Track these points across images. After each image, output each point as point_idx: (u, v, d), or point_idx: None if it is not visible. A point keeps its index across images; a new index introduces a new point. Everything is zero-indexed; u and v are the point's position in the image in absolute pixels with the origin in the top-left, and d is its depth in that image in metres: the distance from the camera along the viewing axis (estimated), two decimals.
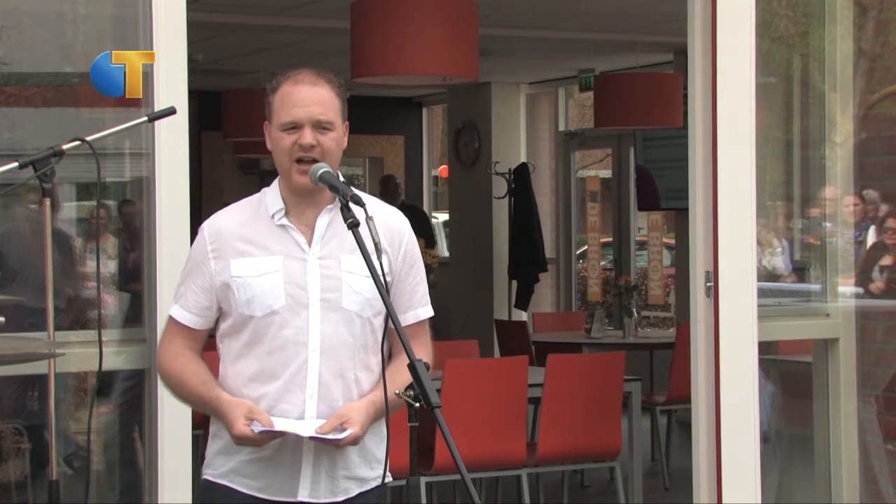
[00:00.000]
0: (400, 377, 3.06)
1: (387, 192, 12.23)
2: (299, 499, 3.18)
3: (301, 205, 3.23)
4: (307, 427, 3.13)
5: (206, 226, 3.28)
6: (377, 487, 3.28)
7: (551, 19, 9.89)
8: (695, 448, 5.32)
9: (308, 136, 3.16)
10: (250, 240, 3.21)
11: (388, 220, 3.26)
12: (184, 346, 3.26)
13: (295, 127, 3.16)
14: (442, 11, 6.93)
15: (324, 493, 3.20)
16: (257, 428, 3.09)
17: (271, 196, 3.26)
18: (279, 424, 3.12)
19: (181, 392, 3.28)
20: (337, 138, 3.21)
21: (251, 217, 3.25)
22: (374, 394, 3.18)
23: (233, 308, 3.20)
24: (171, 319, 3.29)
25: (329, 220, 3.22)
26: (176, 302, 3.29)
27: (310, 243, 3.21)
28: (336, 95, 3.22)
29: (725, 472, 5.20)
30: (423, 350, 3.25)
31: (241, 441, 3.12)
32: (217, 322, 3.28)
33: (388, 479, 3.30)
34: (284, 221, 3.22)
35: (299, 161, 3.17)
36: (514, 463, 6.77)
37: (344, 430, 3.10)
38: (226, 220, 3.28)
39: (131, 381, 4.79)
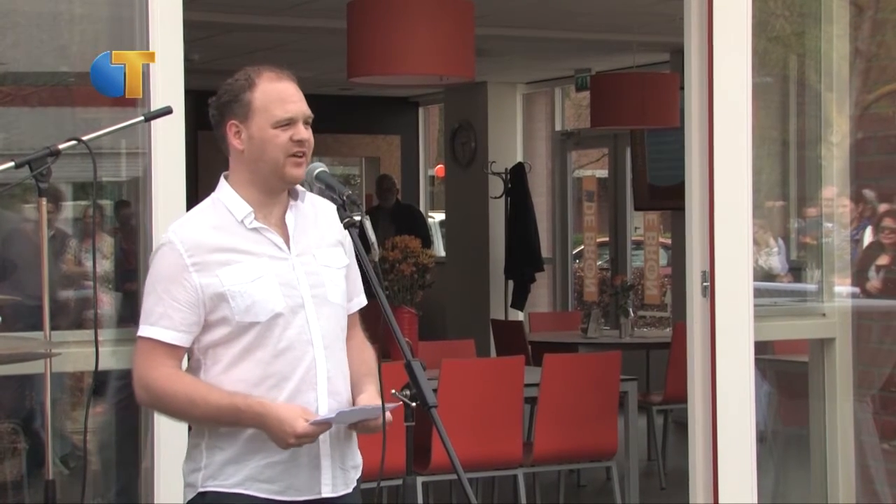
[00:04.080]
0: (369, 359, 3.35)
1: (383, 192, 12.21)
2: (323, 495, 3.18)
3: (269, 205, 3.21)
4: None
5: (176, 238, 3.14)
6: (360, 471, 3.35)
7: (547, 19, 9.89)
8: (691, 448, 5.32)
9: (304, 132, 3.18)
10: (230, 247, 3.15)
11: (336, 214, 3.24)
12: (175, 366, 3.15)
13: (289, 123, 3.17)
14: (438, 11, 6.93)
15: (340, 486, 3.22)
16: (322, 416, 3.09)
17: (231, 200, 3.20)
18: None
19: (193, 411, 3.13)
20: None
21: (220, 223, 3.18)
22: (374, 384, 3.24)
23: (228, 318, 3.12)
24: (152, 342, 3.13)
25: (294, 216, 3.24)
26: (153, 324, 3.12)
27: (287, 242, 3.21)
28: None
29: (722, 472, 5.20)
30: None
31: (298, 441, 3.05)
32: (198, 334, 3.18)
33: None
34: (257, 224, 3.18)
35: (293, 156, 3.17)
36: (511, 463, 6.76)
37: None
38: (196, 229, 3.17)
39: (127, 381, 4.78)
